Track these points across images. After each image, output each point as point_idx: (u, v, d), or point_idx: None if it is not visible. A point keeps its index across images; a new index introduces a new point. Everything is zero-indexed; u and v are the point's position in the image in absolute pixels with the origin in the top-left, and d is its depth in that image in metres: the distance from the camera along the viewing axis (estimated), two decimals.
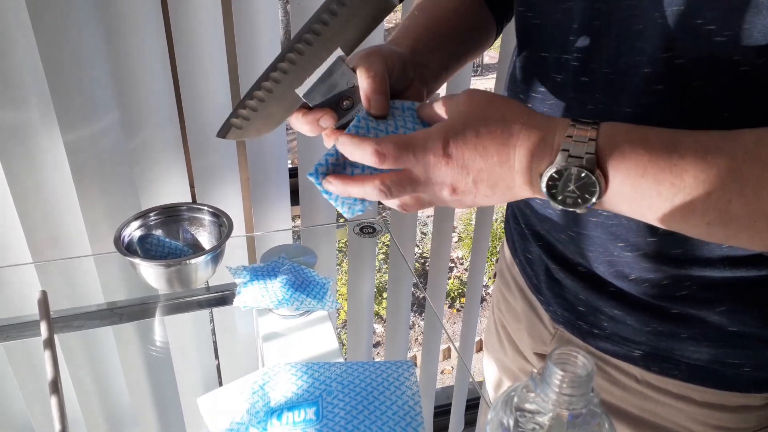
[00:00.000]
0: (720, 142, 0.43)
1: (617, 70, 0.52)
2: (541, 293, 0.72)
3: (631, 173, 0.44)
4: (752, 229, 0.43)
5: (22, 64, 0.90)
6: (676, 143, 0.43)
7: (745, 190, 0.41)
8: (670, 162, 0.43)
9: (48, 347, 0.72)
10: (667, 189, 0.43)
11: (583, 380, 0.36)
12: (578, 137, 0.44)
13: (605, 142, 0.44)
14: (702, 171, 0.42)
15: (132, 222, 0.85)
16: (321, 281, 0.82)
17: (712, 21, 0.46)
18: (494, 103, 0.49)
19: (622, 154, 0.44)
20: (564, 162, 0.44)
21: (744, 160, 0.41)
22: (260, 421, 0.61)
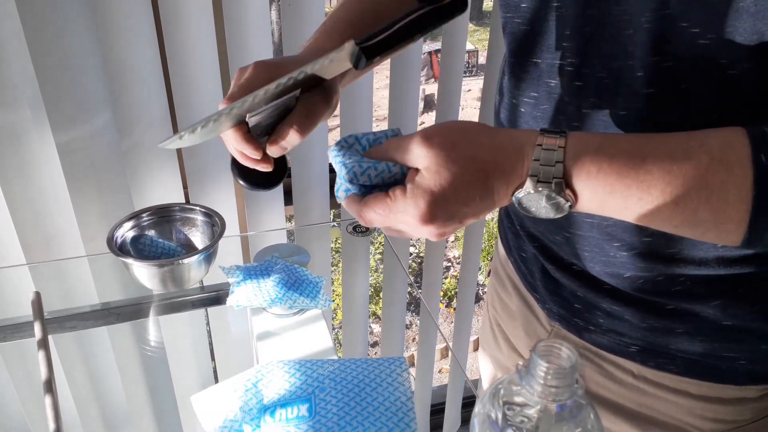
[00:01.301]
0: (687, 149, 0.44)
1: (611, 74, 0.53)
2: (536, 291, 0.73)
3: (599, 191, 0.45)
4: (718, 230, 0.45)
5: (13, 64, 0.90)
6: (643, 156, 0.44)
7: (711, 197, 0.43)
8: (637, 179, 0.44)
9: (42, 348, 0.72)
10: (634, 203, 0.45)
11: (568, 371, 0.36)
12: (546, 160, 0.45)
13: (572, 162, 0.45)
14: (668, 183, 0.43)
15: (125, 222, 0.85)
16: (314, 280, 0.82)
17: (696, 24, 0.46)
18: (458, 145, 0.48)
19: (589, 175, 0.45)
20: (534, 186, 0.46)
21: (709, 167, 0.43)
22: (253, 418, 0.61)
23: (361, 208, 0.50)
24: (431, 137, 0.48)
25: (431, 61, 7.07)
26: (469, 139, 0.48)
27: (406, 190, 0.48)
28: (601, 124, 0.55)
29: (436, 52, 6.91)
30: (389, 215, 0.49)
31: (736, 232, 0.44)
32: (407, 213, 0.48)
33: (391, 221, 0.50)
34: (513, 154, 0.47)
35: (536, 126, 0.61)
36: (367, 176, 0.51)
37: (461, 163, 0.47)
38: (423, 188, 0.47)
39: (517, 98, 0.63)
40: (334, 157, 0.53)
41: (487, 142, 0.48)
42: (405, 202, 0.48)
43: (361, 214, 0.51)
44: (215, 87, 1.04)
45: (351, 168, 0.51)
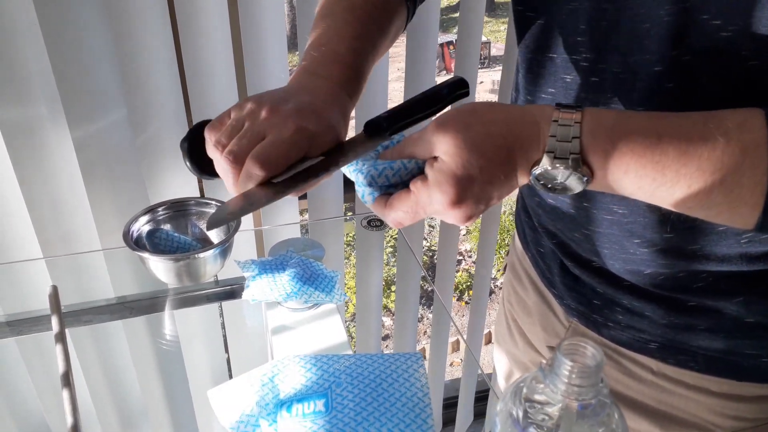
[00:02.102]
0: (704, 130, 0.43)
1: (627, 69, 0.52)
2: (554, 286, 0.72)
3: (614, 170, 0.45)
4: (732, 212, 0.44)
5: (30, 60, 0.91)
6: (659, 136, 0.43)
7: (725, 179, 0.42)
8: (652, 159, 0.43)
9: (59, 341, 0.73)
10: (648, 183, 0.44)
11: (593, 371, 0.36)
12: (562, 135, 0.45)
13: (589, 138, 0.44)
14: (683, 165, 0.43)
15: (140, 217, 0.85)
16: (329, 275, 0.82)
17: (717, 15, 0.45)
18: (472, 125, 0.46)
19: (606, 153, 0.44)
20: (551, 162, 0.45)
21: (725, 148, 0.42)
22: (270, 413, 0.61)
23: (388, 212, 0.50)
24: (444, 123, 0.47)
25: (443, 53, 7.04)
26: (482, 118, 0.47)
27: (426, 180, 0.47)
28: None
29: (447, 44, 6.87)
30: (417, 210, 0.48)
31: (751, 215, 0.43)
32: (434, 201, 0.47)
33: (420, 216, 0.49)
34: (529, 128, 0.46)
35: None
36: (385, 177, 0.50)
37: (480, 142, 0.46)
38: (445, 173, 0.46)
39: (533, 94, 0.62)
40: (347, 167, 0.52)
41: (502, 118, 0.47)
42: (429, 191, 0.47)
43: (389, 216, 0.50)
44: (230, 82, 1.04)
45: (368, 172, 0.50)
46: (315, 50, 0.59)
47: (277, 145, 0.49)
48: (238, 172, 0.50)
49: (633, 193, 0.46)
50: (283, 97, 0.53)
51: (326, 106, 0.54)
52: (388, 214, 0.50)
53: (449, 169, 0.46)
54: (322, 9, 0.63)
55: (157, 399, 1.07)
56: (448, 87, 0.54)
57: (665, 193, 0.44)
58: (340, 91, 0.56)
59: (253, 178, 0.49)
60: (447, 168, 0.46)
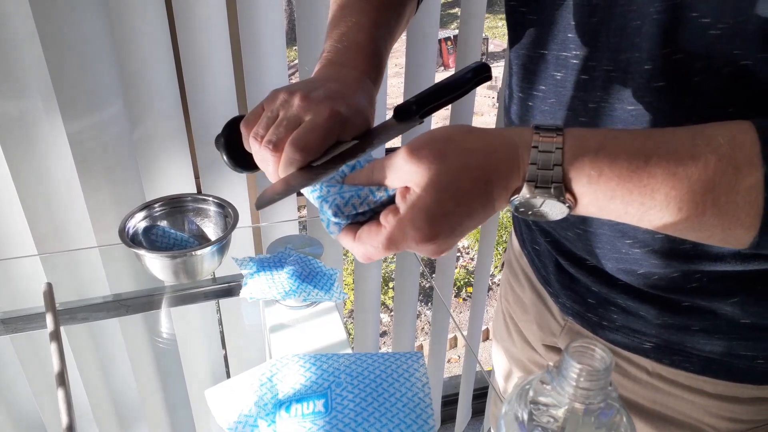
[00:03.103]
0: (693, 148, 0.41)
1: (618, 67, 0.51)
2: (549, 285, 0.72)
3: (599, 197, 0.42)
4: (725, 234, 0.42)
5: (24, 54, 0.89)
6: (647, 157, 0.41)
7: (718, 200, 0.40)
8: (639, 183, 0.41)
9: (54, 339, 0.72)
10: (636, 208, 0.42)
11: (602, 374, 0.35)
12: (543, 162, 0.42)
13: (571, 165, 0.42)
14: (673, 187, 0.40)
15: (137, 213, 0.84)
16: (328, 272, 0.81)
17: (706, 13, 0.44)
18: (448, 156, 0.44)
19: (590, 179, 0.42)
20: (532, 191, 0.42)
21: (717, 167, 0.40)
22: (269, 413, 0.60)
23: (356, 245, 0.47)
24: (417, 151, 0.44)
25: (441, 49, 7.02)
26: (458, 147, 0.44)
27: (398, 213, 0.44)
28: (608, 119, 0.53)
29: (446, 40, 6.85)
30: (389, 246, 0.45)
31: (746, 236, 0.41)
32: (407, 237, 0.44)
33: (391, 251, 0.46)
34: (508, 157, 0.43)
35: (544, 120, 0.59)
36: (352, 206, 0.47)
37: (456, 174, 0.43)
38: (419, 208, 0.43)
39: (525, 92, 0.61)
40: (311, 192, 0.49)
41: (479, 147, 0.44)
42: (402, 226, 0.44)
43: (359, 251, 0.47)
44: (228, 76, 1.03)
45: (333, 201, 0.46)
46: (337, 42, 0.60)
47: (313, 130, 0.50)
48: (278, 159, 0.51)
49: (620, 218, 0.44)
50: (313, 86, 0.54)
51: (354, 92, 0.55)
52: (357, 247, 0.47)
53: (424, 204, 0.43)
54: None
55: (154, 398, 1.07)
56: (472, 71, 0.54)
57: (654, 217, 0.42)
58: (365, 78, 0.58)
59: (293, 163, 0.50)
60: (421, 203, 0.43)
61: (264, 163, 0.53)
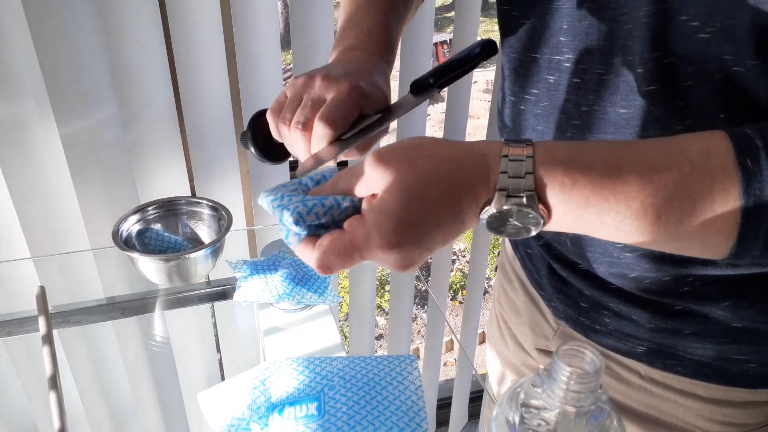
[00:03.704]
0: (667, 157, 0.40)
1: (610, 71, 0.51)
2: (542, 288, 0.72)
3: (573, 206, 0.41)
4: (704, 242, 0.41)
5: (17, 56, 0.89)
6: (619, 166, 0.40)
7: (696, 207, 0.39)
8: (615, 190, 0.40)
9: (46, 343, 0.72)
10: (612, 217, 0.41)
11: (591, 376, 0.35)
12: (514, 171, 0.41)
13: (544, 173, 0.41)
14: (649, 195, 0.39)
15: (130, 216, 0.84)
16: (321, 275, 0.81)
17: (695, 17, 0.44)
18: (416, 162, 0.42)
19: (563, 186, 0.40)
20: (503, 201, 0.41)
21: (691, 174, 0.39)
22: (261, 416, 0.60)
23: (319, 255, 0.44)
24: (384, 157, 0.42)
25: (437, 52, 7.03)
26: (426, 153, 0.43)
27: (363, 219, 0.43)
28: (601, 122, 0.53)
29: (441, 43, 6.86)
30: (352, 254, 0.43)
31: (724, 245, 0.41)
32: (371, 244, 0.42)
33: (355, 260, 0.43)
34: (477, 166, 0.42)
35: (537, 124, 0.59)
36: (315, 215, 0.44)
37: (424, 179, 0.41)
38: (385, 212, 0.41)
39: (517, 95, 0.62)
40: (270, 203, 0.47)
41: (448, 155, 0.43)
42: (367, 231, 0.42)
43: (321, 261, 0.44)
44: (222, 79, 1.03)
45: (294, 209, 0.44)
46: (350, 29, 0.64)
47: (338, 105, 0.53)
48: (308, 138, 0.54)
49: (596, 229, 0.42)
50: (331, 68, 0.58)
51: (370, 70, 0.59)
52: (317, 257, 0.44)
53: (390, 208, 0.41)
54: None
55: (148, 401, 1.06)
56: (480, 47, 0.56)
57: (631, 227, 0.41)
58: (379, 59, 0.62)
59: (323, 137, 0.53)
60: (387, 207, 0.41)
61: (295, 144, 0.55)
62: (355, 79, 0.55)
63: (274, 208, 0.46)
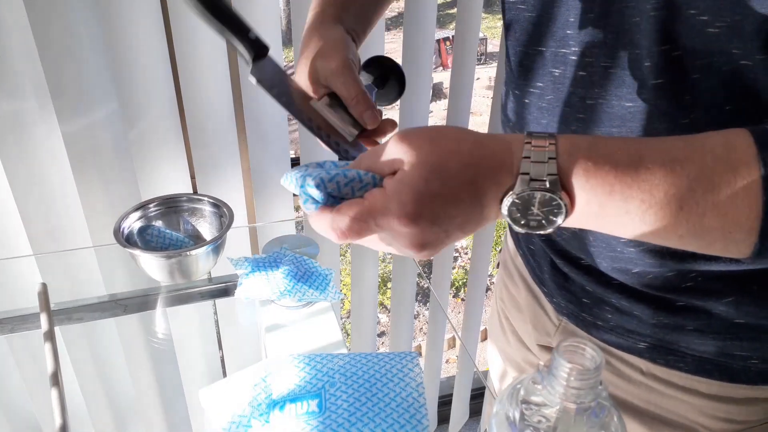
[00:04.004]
0: (687, 150, 0.40)
1: (616, 64, 0.51)
2: (544, 284, 0.71)
3: (598, 192, 0.40)
4: (727, 239, 0.41)
5: (18, 54, 0.89)
6: (641, 156, 0.40)
7: (718, 200, 0.39)
8: (638, 178, 0.40)
9: (48, 340, 0.72)
10: (636, 206, 0.40)
11: (592, 373, 0.35)
12: (537, 156, 0.41)
13: (566, 160, 0.41)
14: (672, 185, 0.39)
15: (132, 213, 0.84)
16: (323, 272, 0.81)
17: (704, 11, 0.44)
18: (439, 140, 0.43)
19: (587, 171, 0.40)
20: (526, 186, 0.41)
21: (715, 168, 0.39)
22: (262, 413, 0.60)
23: (335, 217, 0.44)
24: (407, 136, 0.43)
25: (439, 49, 7.01)
26: (449, 134, 0.44)
27: (384, 189, 0.43)
28: (606, 116, 0.53)
29: (444, 40, 6.85)
30: (368, 220, 0.43)
31: (746, 241, 0.40)
32: (388, 213, 0.42)
33: (371, 227, 0.43)
34: (500, 151, 0.42)
35: (542, 117, 0.59)
36: (336, 183, 0.44)
37: (445, 157, 0.42)
38: (405, 183, 0.42)
39: (522, 89, 0.61)
40: (294, 174, 0.47)
41: (470, 138, 0.43)
42: (386, 199, 0.42)
43: (335, 224, 0.44)
44: (223, 76, 1.03)
45: (317, 175, 0.44)
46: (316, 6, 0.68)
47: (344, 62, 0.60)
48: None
49: (620, 220, 0.41)
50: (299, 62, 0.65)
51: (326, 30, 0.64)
52: (335, 219, 0.44)
53: (410, 180, 0.41)
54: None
55: (150, 398, 1.06)
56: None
57: (655, 217, 0.41)
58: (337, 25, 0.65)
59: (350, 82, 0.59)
60: (408, 179, 0.42)
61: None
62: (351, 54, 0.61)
63: (296, 178, 0.46)
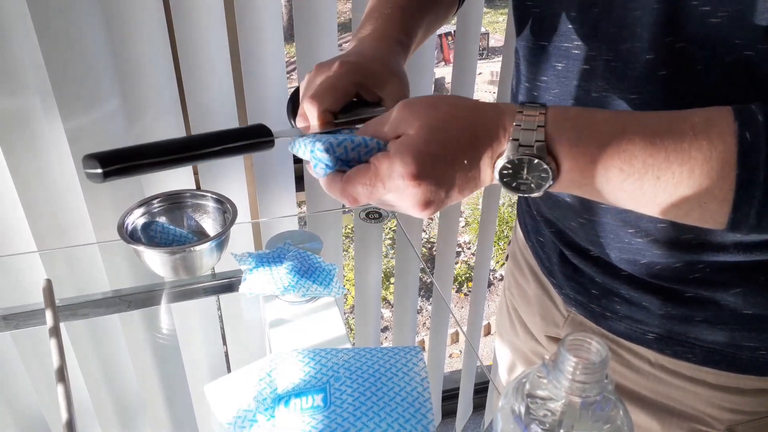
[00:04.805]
0: (668, 124, 0.43)
1: (618, 57, 0.51)
2: (553, 276, 0.72)
3: (580, 160, 0.44)
4: (702, 209, 0.43)
5: (21, 50, 0.89)
6: (625, 127, 0.43)
7: (693, 172, 0.42)
8: (618, 148, 0.43)
9: (53, 336, 0.72)
10: (616, 175, 0.43)
11: (597, 367, 0.35)
12: (527, 125, 0.44)
13: (554, 128, 0.44)
14: (650, 155, 0.42)
15: (135, 209, 0.84)
16: (327, 267, 0.81)
17: (706, 2, 0.45)
18: (439, 106, 0.47)
19: (570, 140, 0.44)
20: (515, 151, 0.44)
21: (692, 141, 0.41)
22: (267, 408, 0.60)
23: (344, 185, 0.47)
24: (410, 103, 0.47)
25: (441, 44, 6.99)
26: (449, 101, 0.47)
27: (388, 152, 0.46)
28: (611, 108, 0.53)
29: (446, 35, 6.83)
30: (376, 184, 0.46)
31: (720, 212, 0.43)
32: (394, 174, 0.45)
33: (379, 191, 0.46)
34: (494, 117, 0.46)
35: None
36: (344, 148, 0.48)
37: (445, 121, 0.45)
38: (407, 145, 0.45)
39: (531, 82, 0.62)
40: (303, 141, 0.50)
41: (468, 105, 0.47)
42: (390, 162, 0.45)
43: (345, 191, 0.47)
44: (225, 72, 1.03)
45: (326, 140, 0.48)
46: (367, 20, 0.65)
47: (323, 81, 0.55)
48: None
49: (602, 187, 0.45)
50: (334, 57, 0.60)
51: (372, 51, 0.60)
52: (346, 186, 0.47)
53: (412, 142, 0.45)
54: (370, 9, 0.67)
55: (155, 393, 1.07)
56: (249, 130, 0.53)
57: (633, 186, 0.43)
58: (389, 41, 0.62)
59: (311, 114, 0.55)
60: (410, 141, 0.45)
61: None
62: (347, 55, 0.57)
63: (305, 144, 0.50)
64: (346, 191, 0.47)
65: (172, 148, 0.50)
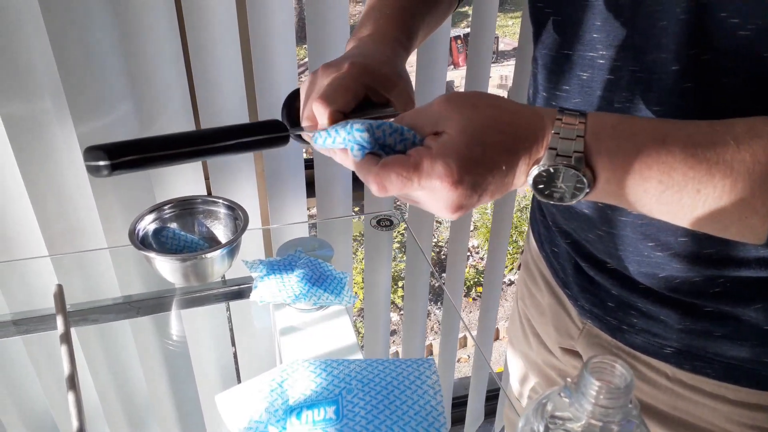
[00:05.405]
0: (710, 134, 0.41)
1: (644, 68, 0.50)
2: (568, 287, 0.71)
3: (618, 171, 0.43)
4: (742, 224, 0.42)
5: (34, 55, 0.89)
6: (664, 138, 0.42)
7: (736, 185, 0.40)
8: (658, 159, 0.41)
9: (64, 341, 0.72)
10: (654, 186, 0.42)
11: (622, 392, 0.34)
12: (565, 133, 0.43)
13: (592, 138, 0.43)
14: (691, 168, 0.41)
15: (147, 215, 0.83)
16: (338, 276, 0.80)
17: (735, 14, 0.44)
18: (480, 106, 0.45)
19: (609, 151, 0.43)
20: (552, 161, 0.43)
21: (735, 154, 0.40)
22: (279, 419, 0.60)
23: (380, 169, 0.45)
24: (452, 99, 0.46)
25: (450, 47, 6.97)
26: (490, 102, 0.46)
27: (429, 149, 0.44)
28: None
29: (455, 38, 6.82)
30: (412, 177, 0.44)
31: (761, 227, 0.41)
32: (434, 173, 0.43)
33: (413, 185, 0.44)
34: (534, 122, 0.44)
35: None
36: (382, 131, 0.46)
37: (487, 125, 0.44)
38: (451, 147, 0.43)
39: (549, 91, 0.61)
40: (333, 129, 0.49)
41: (509, 108, 0.45)
42: (433, 161, 0.43)
43: (379, 175, 0.45)
44: (237, 75, 1.02)
45: (364, 122, 0.47)
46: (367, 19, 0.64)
47: (332, 82, 0.54)
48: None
49: (638, 198, 0.43)
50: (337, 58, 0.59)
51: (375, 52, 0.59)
52: (381, 173, 0.45)
53: (455, 144, 0.43)
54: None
55: (165, 400, 1.06)
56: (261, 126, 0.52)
57: (671, 198, 0.42)
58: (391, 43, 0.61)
59: (321, 115, 0.53)
60: (454, 143, 0.43)
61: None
62: (356, 56, 0.56)
63: (337, 131, 0.48)
64: (380, 176, 0.45)
65: (184, 140, 0.48)
